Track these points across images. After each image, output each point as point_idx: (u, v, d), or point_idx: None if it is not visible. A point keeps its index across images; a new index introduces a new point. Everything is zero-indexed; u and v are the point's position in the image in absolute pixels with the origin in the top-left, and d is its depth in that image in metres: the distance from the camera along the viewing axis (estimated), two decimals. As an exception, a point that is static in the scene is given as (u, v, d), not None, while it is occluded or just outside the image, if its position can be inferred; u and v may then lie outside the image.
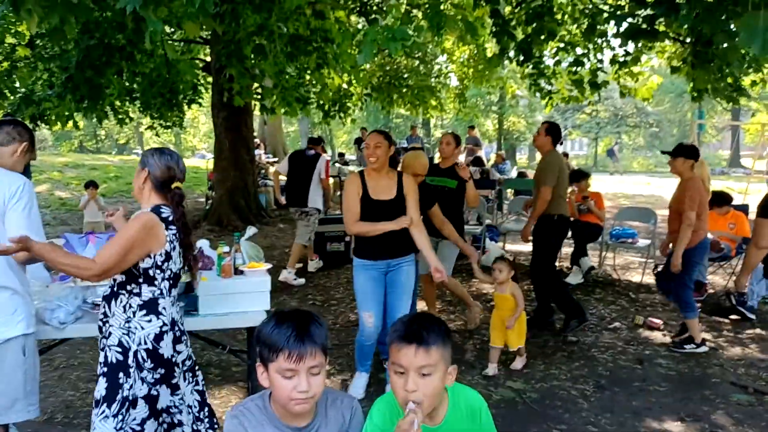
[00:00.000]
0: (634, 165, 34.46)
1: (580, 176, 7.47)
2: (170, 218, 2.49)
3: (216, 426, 2.72)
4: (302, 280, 7.02)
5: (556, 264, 5.88)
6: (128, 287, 2.42)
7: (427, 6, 5.76)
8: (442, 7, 5.17)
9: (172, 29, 9.52)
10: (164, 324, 2.45)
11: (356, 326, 5.31)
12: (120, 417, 2.38)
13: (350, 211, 3.81)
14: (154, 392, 2.45)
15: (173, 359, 2.49)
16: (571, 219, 7.37)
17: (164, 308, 2.46)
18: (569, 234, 6.17)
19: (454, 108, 17.30)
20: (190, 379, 2.62)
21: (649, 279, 7.22)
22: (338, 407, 1.78)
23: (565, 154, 17.95)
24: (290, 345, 1.57)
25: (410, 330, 1.65)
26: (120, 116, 10.03)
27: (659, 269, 7.14)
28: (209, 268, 3.34)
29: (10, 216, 2.50)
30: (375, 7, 9.52)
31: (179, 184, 2.57)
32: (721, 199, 6.63)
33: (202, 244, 3.45)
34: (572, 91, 8.90)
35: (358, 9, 9.57)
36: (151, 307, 2.43)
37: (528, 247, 9.67)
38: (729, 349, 4.96)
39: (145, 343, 2.40)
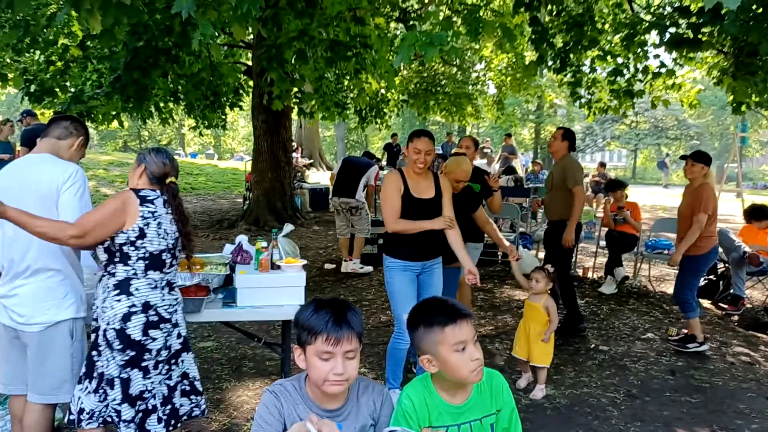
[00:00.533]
0: (674, 177, 33.79)
1: (616, 186, 7.42)
2: (148, 197, 2.58)
3: (172, 426, 2.69)
4: (370, 268, 7.42)
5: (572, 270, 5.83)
6: (108, 268, 2.56)
7: (465, 12, 5.83)
8: (480, 13, 5.21)
9: (217, 33, 9.78)
10: (133, 305, 2.49)
11: (387, 327, 5.40)
12: (101, 393, 2.51)
13: (393, 207, 3.66)
14: (124, 375, 2.50)
15: (144, 343, 2.51)
16: (606, 229, 7.34)
17: (137, 289, 2.51)
18: (603, 243, 6.16)
19: (492, 116, 17.29)
20: (163, 371, 2.62)
21: (685, 291, 7.12)
22: (370, 394, 1.85)
23: (603, 164, 17.78)
24: (328, 329, 1.66)
25: (455, 308, 1.83)
26: (164, 116, 10.34)
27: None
28: (247, 262, 3.45)
29: (63, 199, 2.63)
30: (414, 14, 9.62)
31: (173, 179, 2.72)
32: (760, 213, 6.52)
33: (241, 239, 3.56)
34: (612, 101, 8.86)
35: (397, 16, 9.69)
36: (123, 286, 2.51)
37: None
38: (765, 365, 4.87)
39: (113, 322, 2.48)
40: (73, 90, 9.70)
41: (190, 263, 2.89)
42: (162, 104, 10.10)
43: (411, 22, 9.55)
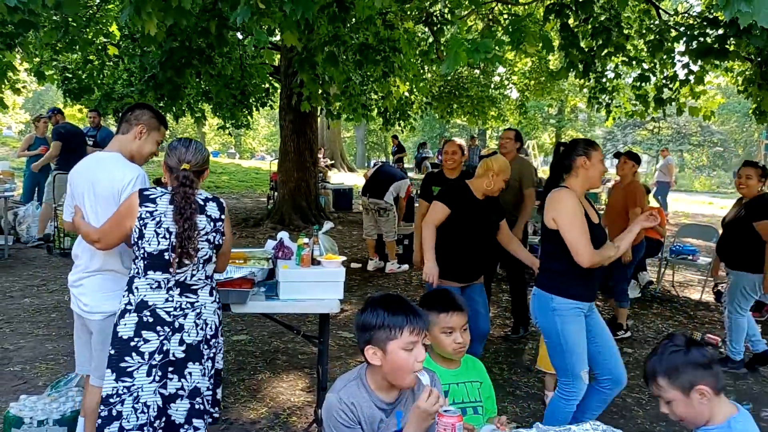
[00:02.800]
0: (696, 185, 33.53)
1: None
2: (151, 196, 2.49)
3: None
4: (406, 266, 7.71)
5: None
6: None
7: (508, 21, 5.94)
8: (523, 23, 5.35)
9: (244, 35, 10.00)
10: (129, 303, 2.46)
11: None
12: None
13: (587, 233, 2.95)
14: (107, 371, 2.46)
15: (132, 343, 2.42)
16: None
17: (136, 288, 2.47)
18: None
19: (514, 120, 17.36)
20: (157, 378, 2.43)
21: (708, 297, 7.16)
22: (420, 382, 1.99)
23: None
24: (412, 321, 1.85)
25: (454, 302, 2.36)
26: (196, 115, 10.57)
27: (719, 288, 7.10)
28: (288, 257, 3.59)
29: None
30: (440, 18, 9.74)
31: (186, 166, 2.54)
32: None
33: (282, 235, 3.70)
34: (636, 106, 8.90)
35: (423, 19, 9.81)
36: (129, 284, 2.52)
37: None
38: (790, 370, 4.92)
39: (115, 317, 2.52)
40: (104, 88, 9.98)
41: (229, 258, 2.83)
42: (194, 103, 10.34)
43: (438, 26, 9.68)
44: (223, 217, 2.63)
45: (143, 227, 2.45)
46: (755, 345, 4.89)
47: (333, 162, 22.02)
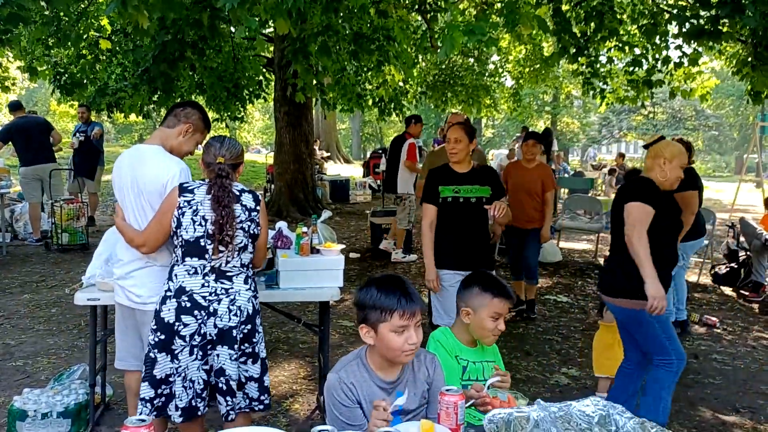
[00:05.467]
0: (692, 169, 33.56)
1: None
2: (189, 187, 2.60)
3: (206, 406, 2.63)
4: (414, 256, 7.72)
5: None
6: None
7: (502, 5, 5.91)
8: (516, 5, 5.32)
9: (237, 27, 9.94)
10: (169, 289, 2.57)
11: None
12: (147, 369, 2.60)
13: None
14: (152, 355, 2.56)
15: (176, 328, 2.53)
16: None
17: (176, 275, 2.58)
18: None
19: (508, 108, 17.31)
20: (199, 357, 2.57)
21: (706, 279, 7.20)
22: (422, 362, 2.01)
23: (621, 155, 17.77)
24: (403, 305, 1.83)
25: (507, 290, 2.33)
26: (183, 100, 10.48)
27: (716, 270, 7.15)
28: (287, 247, 3.60)
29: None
30: (434, 5, 9.70)
31: (222, 159, 2.64)
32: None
33: (281, 225, 3.71)
34: (628, 92, 8.89)
35: (417, 7, 9.77)
36: (170, 272, 2.62)
37: (580, 245, 9.70)
38: (787, 349, 4.97)
39: (156, 304, 2.60)
40: (97, 83, 9.92)
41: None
42: (187, 96, 10.28)
43: (431, 13, 9.64)
44: (258, 208, 2.72)
45: (181, 216, 2.57)
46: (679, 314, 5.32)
47: (329, 153, 21.98)
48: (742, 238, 7.06)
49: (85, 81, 9.28)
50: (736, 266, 6.89)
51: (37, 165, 7.98)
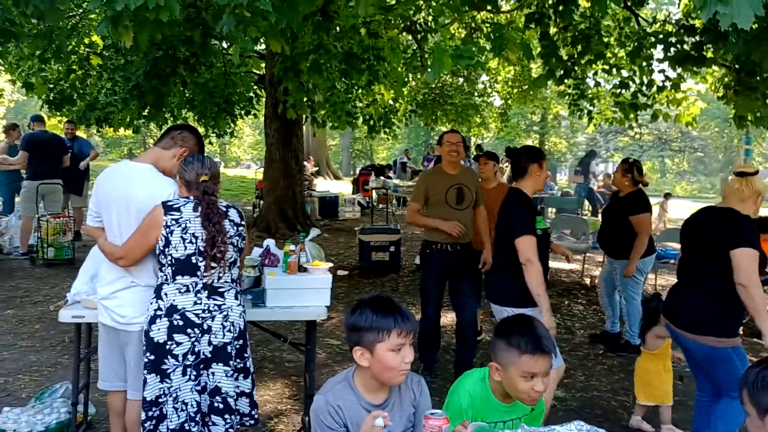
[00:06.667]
0: (678, 189, 33.98)
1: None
2: (174, 205, 2.60)
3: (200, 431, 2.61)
4: None
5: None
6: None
7: (489, 28, 6.00)
8: (504, 31, 5.41)
9: (228, 44, 10.02)
10: (159, 308, 2.55)
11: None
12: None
13: None
14: (144, 377, 2.55)
15: (168, 347, 2.52)
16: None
17: (165, 294, 2.57)
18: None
19: (496, 127, 17.48)
20: (192, 377, 2.56)
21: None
22: (409, 385, 2.01)
23: (608, 176, 17.96)
24: (400, 323, 1.85)
25: (539, 341, 1.97)
26: (180, 123, 10.53)
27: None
28: (275, 265, 3.60)
29: None
30: (424, 26, 9.82)
31: (206, 177, 2.66)
32: (766, 225, 6.66)
33: (269, 243, 3.71)
34: (616, 113, 9.02)
35: (407, 27, 9.89)
36: (157, 291, 2.61)
37: (567, 265, 9.76)
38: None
39: (145, 324, 2.59)
40: (87, 98, 9.92)
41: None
42: (177, 111, 10.32)
43: (422, 34, 9.75)
44: (243, 222, 2.79)
45: (169, 234, 2.56)
46: (613, 327, 5.65)
47: (318, 170, 22.03)
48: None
49: (74, 96, 9.26)
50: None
51: (44, 181, 8.01)
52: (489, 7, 5.42)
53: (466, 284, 4.46)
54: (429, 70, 3.19)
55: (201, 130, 12.68)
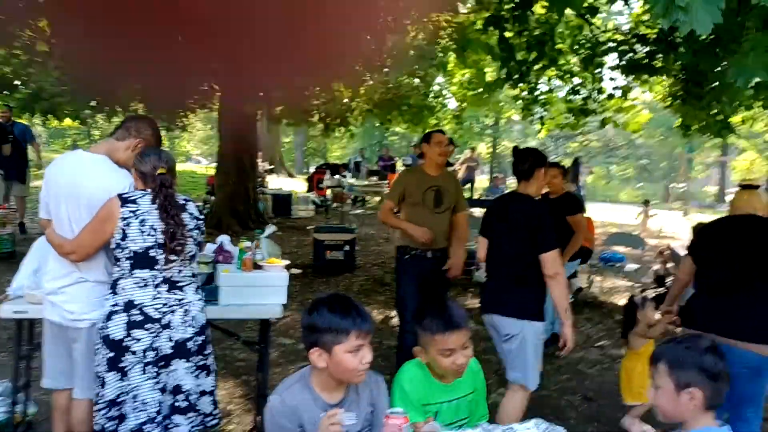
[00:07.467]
0: (622, 195, 35.00)
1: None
2: (131, 198, 2.52)
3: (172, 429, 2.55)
4: None
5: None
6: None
7: (452, 29, 6.04)
8: (466, 32, 5.46)
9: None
10: (116, 304, 2.47)
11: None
12: (98, 391, 2.50)
13: None
14: (101, 375, 2.47)
15: (125, 343, 2.43)
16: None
17: (123, 288, 2.49)
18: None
19: (450, 128, 17.61)
20: (152, 375, 2.48)
21: (636, 303, 7.47)
22: (366, 383, 2.00)
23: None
24: (359, 325, 1.84)
25: (453, 317, 2.15)
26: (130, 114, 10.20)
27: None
28: (229, 261, 3.53)
29: None
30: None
31: (163, 170, 2.60)
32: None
33: (223, 239, 3.63)
34: (568, 119, 9.23)
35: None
36: (114, 286, 2.53)
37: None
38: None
39: (100, 321, 2.51)
40: (33, 87, 9.51)
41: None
42: (127, 104, 9.99)
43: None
44: (202, 217, 2.76)
45: (126, 227, 2.49)
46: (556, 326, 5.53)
47: (272, 167, 21.77)
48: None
49: (16, 82, 8.86)
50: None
51: None
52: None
53: (441, 292, 4.29)
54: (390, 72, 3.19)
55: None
